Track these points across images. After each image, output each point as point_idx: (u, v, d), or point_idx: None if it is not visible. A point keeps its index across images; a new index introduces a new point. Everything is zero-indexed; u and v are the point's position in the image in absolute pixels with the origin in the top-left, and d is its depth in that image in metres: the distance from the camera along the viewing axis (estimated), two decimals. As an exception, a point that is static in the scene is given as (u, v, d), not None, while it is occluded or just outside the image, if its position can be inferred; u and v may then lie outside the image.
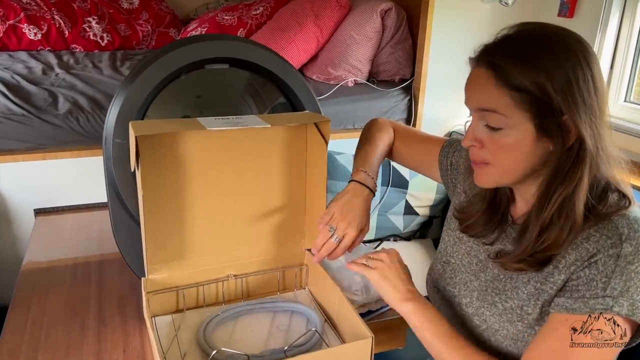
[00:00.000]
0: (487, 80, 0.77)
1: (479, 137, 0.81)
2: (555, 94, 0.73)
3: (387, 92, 2.03)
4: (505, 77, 0.75)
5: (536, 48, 0.75)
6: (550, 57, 0.74)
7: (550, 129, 0.76)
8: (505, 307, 0.86)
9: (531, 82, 0.74)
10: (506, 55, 0.76)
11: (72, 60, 2.27)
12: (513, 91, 0.75)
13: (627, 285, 0.73)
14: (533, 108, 0.75)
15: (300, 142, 1.09)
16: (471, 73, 0.82)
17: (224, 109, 1.24)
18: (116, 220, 1.09)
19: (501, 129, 0.78)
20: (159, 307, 1.05)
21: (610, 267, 0.74)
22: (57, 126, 1.62)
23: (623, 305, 0.72)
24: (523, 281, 0.84)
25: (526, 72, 0.74)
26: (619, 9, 1.75)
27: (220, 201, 1.06)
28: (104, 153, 1.05)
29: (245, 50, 1.08)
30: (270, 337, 1.02)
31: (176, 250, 1.05)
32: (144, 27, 2.67)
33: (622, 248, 0.74)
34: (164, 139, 0.97)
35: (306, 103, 1.14)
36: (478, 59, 0.80)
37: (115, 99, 1.04)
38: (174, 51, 1.02)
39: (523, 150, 0.78)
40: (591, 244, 0.76)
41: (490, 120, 0.78)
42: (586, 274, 0.76)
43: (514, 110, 0.76)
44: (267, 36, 2.16)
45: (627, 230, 0.75)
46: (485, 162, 0.82)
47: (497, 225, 0.91)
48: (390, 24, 2.07)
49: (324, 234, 0.99)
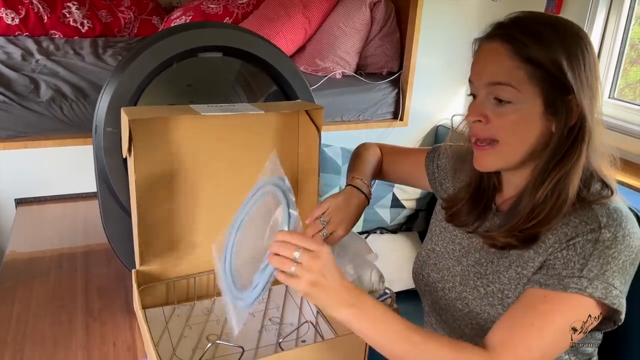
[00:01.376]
0: (502, 52, 0.79)
1: (484, 113, 0.82)
2: (568, 71, 0.76)
3: (375, 84, 2.03)
4: (523, 49, 0.77)
5: (547, 27, 0.78)
6: (562, 38, 0.77)
7: (556, 107, 0.78)
8: (487, 291, 0.88)
9: (546, 56, 0.76)
10: (521, 30, 0.78)
11: (51, 47, 2.21)
12: (528, 64, 0.77)
13: (604, 269, 0.75)
14: (544, 84, 0.77)
15: (293, 131, 1.08)
16: (481, 48, 0.83)
17: (215, 98, 1.22)
18: (106, 211, 1.06)
19: (510, 103, 0.79)
20: (150, 299, 1.03)
21: (589, 250, 0.76)
22: (39, 114, 1.57)
23: (597, 287, 0.74)
24: (504, 265, 0.86)
25: (543, 47, 0.77)
26: (606, 5, 1.77)
27: (212, 191, 1.04)
28: (94, 142, 1.02)
29: (240, 39, 1.06)
30: (264, 330, 1.01)
31: (167, 242, 1.03)
32: (125, 14, 2.61)
33: (601, 234, 0.76)
34: (157, 126, 0.95)
35: (300, 92, 1.13)
36: (491, 34, 0.81)
37: (106, 86, 1.02)
38: (168, 38, 1.00)
39: (528, 127, 0.80)
40: (570, 228, 0.78)
41: (502, 93, 0.79)
42: (564, 255, 0.78)
43: (526, 85, 0.78)
44: (255, 26, 2.13)
45: (606, 219, 0.77)
46: (492, 138, 0.82)
47: (479, 213, 0.93)
48: (379, 16, 2.06)
49: (315, 226, 0.99)
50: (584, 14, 1.78)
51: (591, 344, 0.89)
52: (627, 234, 0.76)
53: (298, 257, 0.71)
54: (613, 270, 0.75)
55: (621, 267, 0.75)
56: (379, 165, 1.14)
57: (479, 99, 0.83)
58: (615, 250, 0.75)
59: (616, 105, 1.82)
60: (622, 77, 1.87)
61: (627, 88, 1.91)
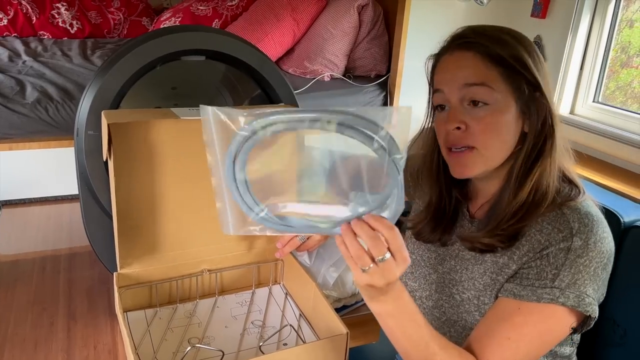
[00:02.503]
0: (471, 57, 0.80)
1: (462, 119, 0.82)
2: (532, 67, 0.79)
3: (363, 87, 2.04)
4: (489, 51, 0.79)
5: (502, 32, 0.81)
6: (517, 40, 0.81)
7: (528, 105, 0.80)
8: (462, 298, 0.88)
9: (511, 54, 0.79)
10: (481, 36, 0.81)
11: (40, 48, 2.20)
12: (497, 64, 0.79)
13: (575, 278, 0.76)
14: (515, 82, 0.79)
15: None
16: (446, 59, 0.84)
17: (199, 101, 1.21)
18: (87, 213, 1.06)
19: (486, 105, 0.80)
20: (131, 302, 1.02)
21: (561, 260, 0.77)
22: (25, 116, 1.57)
23: (569, 297, 0.75)
24: (479, 272, 0.87)
25: (505, 46, 0.79)
26: (590, 10, 1.79)
27: (194, 194, 1.04)
28: (76, 145, 1.02)
29: (222, 43, 1.06)
30: (245, 333, 1.01)
31: (149, 244, 1.03)
32: (115, 15, 2.61)
33: (573, 242, 0.76)
34: (137, 129, 0.95)
35: (283, 96, 1.14)
36: (453, 44, 0.83)
37: (88, 89, 1.02)
38: (150, 41, 1.00)
39: (506, 128, 0.81)
40: (543, 235, 0.79)
41: (478, 94, 0.80)
42: (537, 265, 0.79)
43: (499, 83, 0.79)
44: (243, 28, 2.13)
45: (578, 224, 0.78)
46: (470, 146, 0.82)
47: (444, 229, 0.93)
48: (367, 19, 2.07)
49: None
50: (569, 18, 1.80)
51: (569, 345, 0.90)
52: (598, 240, 0.77)
53: (384, 259, 0.63)
54: (585, 278, 0.76)
55: (592, 274, 0.76)
56: None
57: (453, 106, 0.83)
58: (587, 258, 0.76)
59: (601, 109, 1.84)
60: (612, 80, 1.88)
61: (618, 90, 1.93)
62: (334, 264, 1.07)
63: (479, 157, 0.82)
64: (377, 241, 0.62)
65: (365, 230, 0.62)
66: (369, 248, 0.62)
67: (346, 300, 1.22)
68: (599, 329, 0.87)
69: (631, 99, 1.87)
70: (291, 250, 1.01)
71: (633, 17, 1.84)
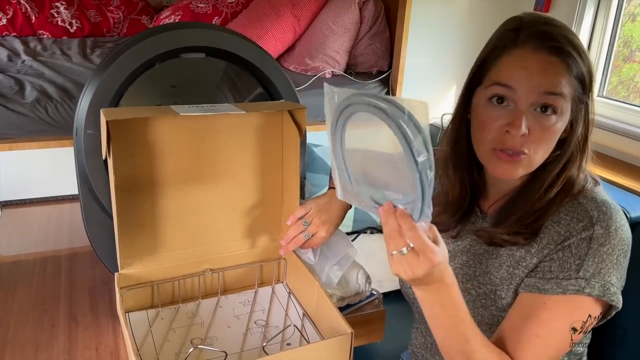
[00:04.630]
0: (557, 64, 0.77)
1: (530, 126, 0.78)
2: (591, 83, 0.79)
3: (364, 84, 2.02)
4: (573, 64, 0.77)
5: (577, 39, 0.79)
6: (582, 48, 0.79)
7: (578, 116, 0.80)
8: (478, 293, 0.87)
9: (588, 70, 0.78)
10: (567, 42, 0.77)
11: (39, 47, 2.19)
12: (575, 79, 0.78)
13: (599, 267, 0.75)
14: (579, 96, 0.79)
15: (277, 132, 1.07)
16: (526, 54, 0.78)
17: (200, 99, 1.21)
18: (88, 214, 1.05)
19: (554, 114, 0.78)
20: (133, 303, 1.02)
21: (584, 249, 0.76)
22: (24, 115, 1.56)
23: (594, 286, 0.75)
24: (495, 266, 0.86)
25: (584, 62, 0.78)
26: (594, 3, 1.77)
27: (195, 193, 1.03)
28: (75, 145, 1.01)
29: (222, 40, 1.05)
30: (248, 333, 1.00)
31: (150, 243, 1.02)
32: (115, 13, 2.59)
33: (594, 230, 0.76)
34: (135, 127, 0.94)
35: (285, 94, 1.12)
36: (536, 42, 0.77)
37: (86, 87, 1.00)
38: (149, 39, 0.99)
39: (555, 138, 0.80)
40: (562, 227, 0.79)
41: (556, 104, 0.77)
42: (559, 257, 0.78)
43: (570, 98, 0.78)
44: (244, 25, 2.12)
45: (597, 213, 0.77)
46: (523, 151, 0.79)
47: (461, 217, 0.93)
48: (368, 15, 2.06)
49: (297, 227, 0.99)
50: (573, 11, 1.78)
51: (583, 344, 0.89)
52: (618, 227, 0.77)
53: (403, 253, 0.66)
54: (608, 267, 0.75)
55: (615, 262, 0.76)
56: None
57: (521, 110, 0.77)
58: (609, 246, 0.76)
59: (606, 104, 1.82)
60: (615, 74, 1.87)
61: (620, 85, 1.91)
62: (338, 262, 1.05)
63: (527, 162, 0.80)
64: (394, 234, 0.65)
65: (389, 222, 0.66)
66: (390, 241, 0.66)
67: (350, 299, 1.21)
68: (600, 328, 0.86)
69: (633, 93, 1.85)
70: (295, 248, 1.00)
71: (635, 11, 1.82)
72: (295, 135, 1.02)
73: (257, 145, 1.06)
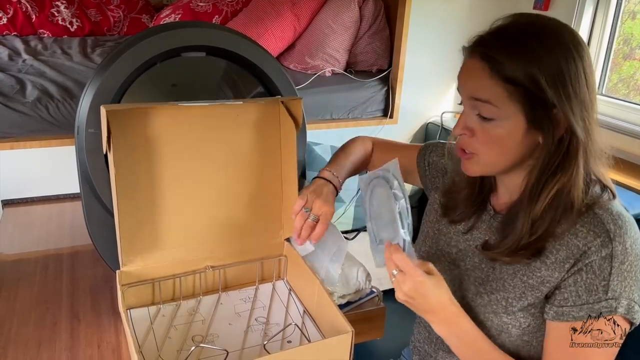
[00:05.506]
0: (481, 71, 0.77)
1: (470, 126, 0.81)
2: (547, 86, 0.73)
3: (364, 82, 2.03)
4: (499, 69, 0.75)
5: (530, 40, 0.75)
6: (543, 50, 0.74)
7: (541, 122, 0.76)
8: (490, 299, 0.86)
9: (524, 74, 0.74)
10: (500, 46, 0.76)
11: (40, 46, 2.19)
12: (506, 83, 0.75)
13: (623, 285, 0.75)
14: (525, 100, 0.75)
15: (274, 128, 1.07)
16: (465, 62, 0.81)
17: (200, 98, 1.21)
18: (89, 212, 1.05)
19: (493, 120, 0.78)
20: (135, 300, 1.02)
21: (607, 269, 0.75)
22: (25, 114, 1.56)
23: (622, 305, 0.75)
24: (508, 273, 0.85)
25: (520, 64, 0.74)
26: (593, 1, 1.77)
27: (195, 190, 1.04)
28: (76, 143, 1.02)
29: (223, 39, 1.06)
30: (249, 330, 1.01)
31: (151, 241, 1.02)
32: (115, 12, 2.59)
33: (613, 247, 0.75)
34: (135, 120, 0.94)
35: (285, 92, 1.13)
36: (472, 50, 0.79)
37: (88, 86, 1.01)
38: (150, 38, 0.99)
39: (512, 142, 0.79)
40: (580, 240, 0.77)
41: (483, 111, 0.78)
42: (583, 279, 0.77)
43: (506, 102, 0.76)
44: (244, 23, 2.12)
45: (613, 226, 0.76)
46: (473, 152, 0.82)
47: (476, 210, 0.92)
48: (368, 13, 2.06)
49: (302, 216, 0.97)
50: (572, 10, 1.78)
51: None
52: (633, 242, 0.76)
53: (394, 274, 0.82)
54: (630, 284, 0.75)
55: (634, 278, 0.76)
56: (364, 159, 1.13)
57: (465, 111, 0.82)
58: (628, 263, 0.75)
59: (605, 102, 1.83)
60: (615, 72, 1.87)
61: (620, 83, 1.92)
62: (333, 255, 1.05)
63: (479, 161, 0.83)
64: (388, 261, 0.83)
65: (386, 254, 0.84)
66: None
67: (350, 297, 1.21)
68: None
69: (634, 91, 1.86)
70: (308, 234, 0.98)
71: (635, 9, 1.82)
72: (292, 128, 1.03)
73: (255, 140, 1.06)
